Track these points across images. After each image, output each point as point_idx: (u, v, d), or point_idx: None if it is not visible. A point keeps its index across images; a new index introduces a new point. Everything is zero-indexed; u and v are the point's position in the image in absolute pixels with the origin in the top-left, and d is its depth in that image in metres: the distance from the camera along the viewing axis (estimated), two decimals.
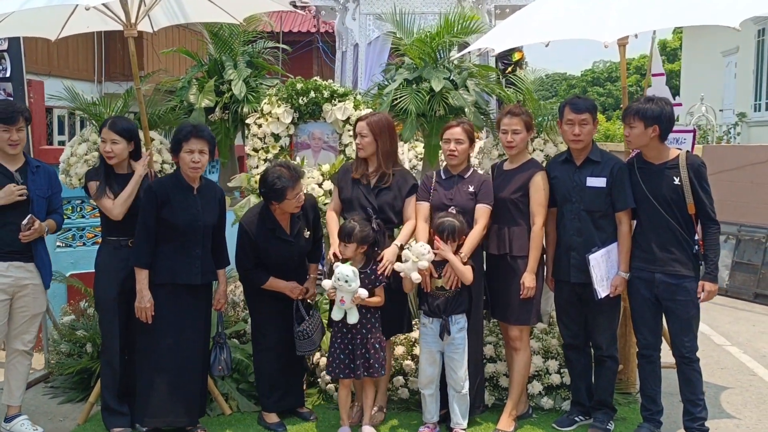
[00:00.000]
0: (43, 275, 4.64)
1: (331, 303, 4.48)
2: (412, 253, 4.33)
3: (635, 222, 4.49)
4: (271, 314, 4.69)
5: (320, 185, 5.36)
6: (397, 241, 4.51)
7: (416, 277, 4.36)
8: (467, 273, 4.39)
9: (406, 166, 6.44)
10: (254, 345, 4.82)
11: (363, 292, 4.35)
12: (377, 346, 4.49)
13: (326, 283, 4.41)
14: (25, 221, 4.45)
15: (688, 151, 4.29)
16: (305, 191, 4.81)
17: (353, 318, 4.40)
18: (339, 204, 4.74)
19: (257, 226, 4.51)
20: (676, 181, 4.23)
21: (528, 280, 4.44)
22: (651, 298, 4.38)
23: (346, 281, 4.29)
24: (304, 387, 5.08)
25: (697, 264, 4.29)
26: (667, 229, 4.28)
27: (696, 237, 4.28)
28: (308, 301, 4.75)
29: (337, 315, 4.41)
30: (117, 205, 4.48)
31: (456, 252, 4.39)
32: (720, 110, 16.30)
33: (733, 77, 16.89)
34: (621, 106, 5.36)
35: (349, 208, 4.65)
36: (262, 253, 4.54)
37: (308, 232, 4.63)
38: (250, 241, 4.51)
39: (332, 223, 4.70)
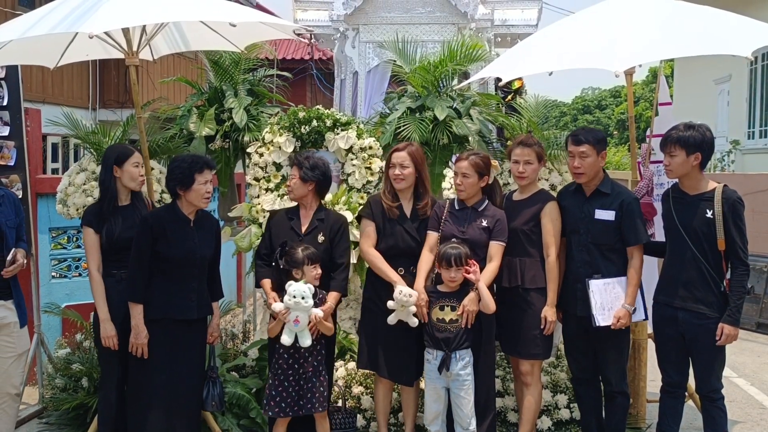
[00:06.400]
0: (21, 313, 4.47)
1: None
2: (396, 303, 4.25)
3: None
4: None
5: None
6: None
7: (414, 321, 4.30)
8: (492, 302, 4.25)
9: None
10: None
11: (319, 312, 4.16)
12: (321, 379, 4.28)
13: (277, 306, 4.15)
14: (10, 256, 4.29)
15: (726, 185, 4.12)
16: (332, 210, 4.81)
17: (306, 341, 4.16)
18: (375, 240, 4.55)
19: (281, 215, 4.54)
20: (709, 213, 4.06)
21: (550, 314, 4.33)
22: (676, 336, 4.22)
23: (303, 297, 4.11)
24: None
25: (723, 304, 4.08)
26: (694, 264, 4.12)
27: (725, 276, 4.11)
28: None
29: (287, 339, 4.14)
30: (91, 273, 4.35)
31: (465, 283, 4.29)
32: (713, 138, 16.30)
33: (726, 105, 16.94)
34: (628, 134, 5.28)
35: (392, 246, 4.50)
36: (274, 243, 4.40)
37: (322, 237, 4.42)
38: (268, 227, 4.51)
39: (380, 260, 4.47)
